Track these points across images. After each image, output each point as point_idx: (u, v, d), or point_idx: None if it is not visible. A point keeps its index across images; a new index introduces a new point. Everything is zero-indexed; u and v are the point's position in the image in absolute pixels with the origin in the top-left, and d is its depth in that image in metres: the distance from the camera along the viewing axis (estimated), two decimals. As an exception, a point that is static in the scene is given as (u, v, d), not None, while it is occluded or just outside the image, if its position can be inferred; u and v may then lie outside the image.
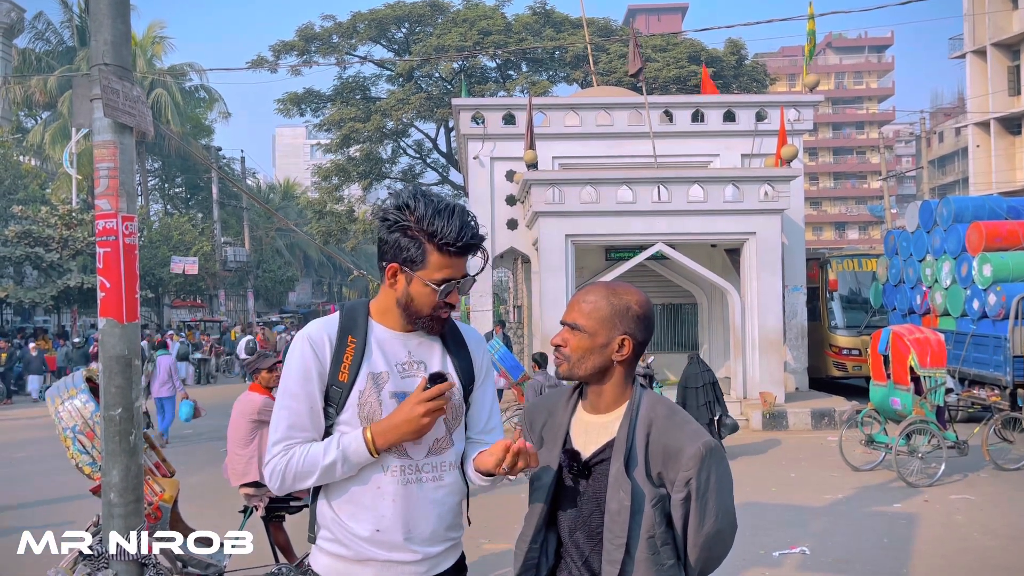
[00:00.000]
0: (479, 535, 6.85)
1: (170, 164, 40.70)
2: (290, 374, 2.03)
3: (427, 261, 1.98)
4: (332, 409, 2.02)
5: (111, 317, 3.68)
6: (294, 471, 1.98)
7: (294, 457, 1.98)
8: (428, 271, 1.99)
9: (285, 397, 2.03)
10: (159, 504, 4.58)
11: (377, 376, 2.03)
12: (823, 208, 70.31)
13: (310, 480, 1.99)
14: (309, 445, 2.00)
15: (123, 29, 3.76)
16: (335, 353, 2.02)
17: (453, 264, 2.00)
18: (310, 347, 2.02)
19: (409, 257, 1.99)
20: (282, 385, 2.05)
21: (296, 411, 2.01)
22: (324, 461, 1.96)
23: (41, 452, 11.24)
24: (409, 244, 1.99)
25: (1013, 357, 11.24)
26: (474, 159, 15.51)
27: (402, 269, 2.01)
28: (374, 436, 1.96)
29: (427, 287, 1.99)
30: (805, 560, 6.21)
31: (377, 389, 2.02)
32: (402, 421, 1.95)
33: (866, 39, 72.53)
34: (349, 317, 2.08)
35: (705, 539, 1.92)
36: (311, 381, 2.01)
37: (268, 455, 2.03)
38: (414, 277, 2.00)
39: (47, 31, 33.99)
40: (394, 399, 2.01)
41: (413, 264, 1.99)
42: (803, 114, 15.51)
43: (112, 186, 3.68)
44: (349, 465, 1.98)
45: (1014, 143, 30.33)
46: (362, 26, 28.69)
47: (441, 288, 1.99)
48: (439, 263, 1.99)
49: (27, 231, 23.59)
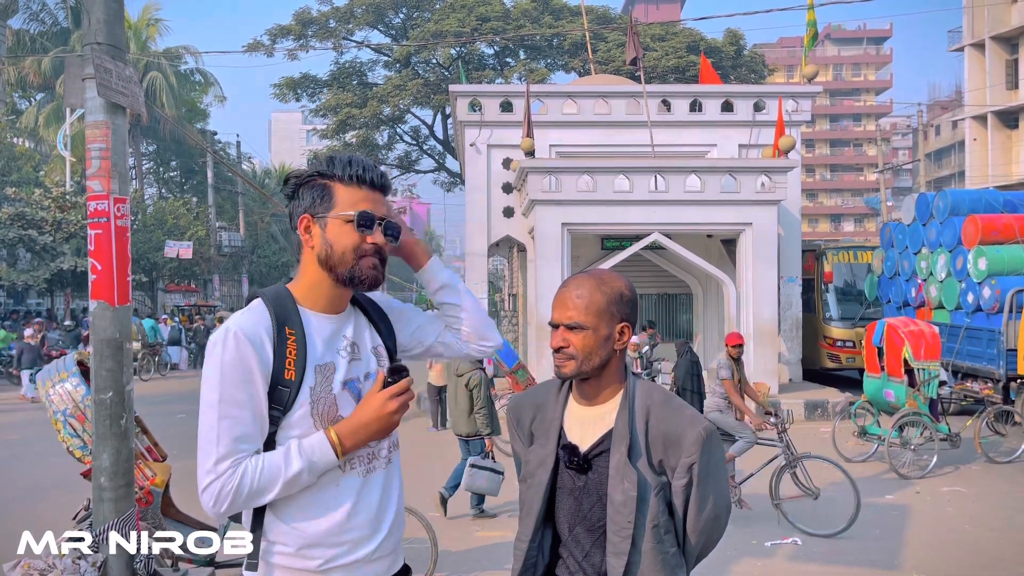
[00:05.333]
0: (471, 524, 6.86)
1: (165, 148, 40.47)
2: (226, 379, 1.74)
3: (335, 199, 1.85)
4: (278, 412, 1.79)
5: (102, 300, 3.64)
6: (248, 488, 1.73)
7: (247, 474, 1.73)
8: (340, 207, 1.84)
9: (224, 406, 1.74)
10: (150, 488, 4.56)
11: (324, 368, 1.85)
12: (819, 200, 70.36)
13: (268, 496, 1.76)
14: (260, 458, 1.76)
15: (116, 7, 3.71)
16: (276, 349, 1.79)
17: (366, 198, 1.86)
18: (248, 343, 1.76)
19: (315, 202, 1.86)
20: (215, 392, 1.75)
21: (241, 420, 1.75)
22: (287, 472, 1.75)
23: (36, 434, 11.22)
24: (313, 192, 1.87)
25: (1007, 350, 11.28)
26: (471, 146, 15.44)
27: (314, 219, 1.86)
28: (341, 438, 1.80)
29: (344, 224, 1.84)
30: (796, 551, 6.23)
31: (327, 382, 1.85)
32: (372, 419, 1.82)
33: (865, 31, 72.37)
34: (279, 306, 1.84)
35: (705, 523, 1.92)
36: (254, 383, 1.76)
37: (209, 475, 1.73)
38: (327, 220, 1.85)
39: (42, 12, 33.67)
40: (346, 389, 1.88)
41: (323, 207, 1.85)
42: (801, 105, 15.48)
43: (104, 167, 3.64)
44: (314, 472, 1.79)
45: (1011, 137, 30.33)
46: (359, 11, 28.52)
47: (355, 216, 1.83)
48: (350, 197, 1.85)
49: (20, 213, 23.45)
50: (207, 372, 1.79)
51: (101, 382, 3.67)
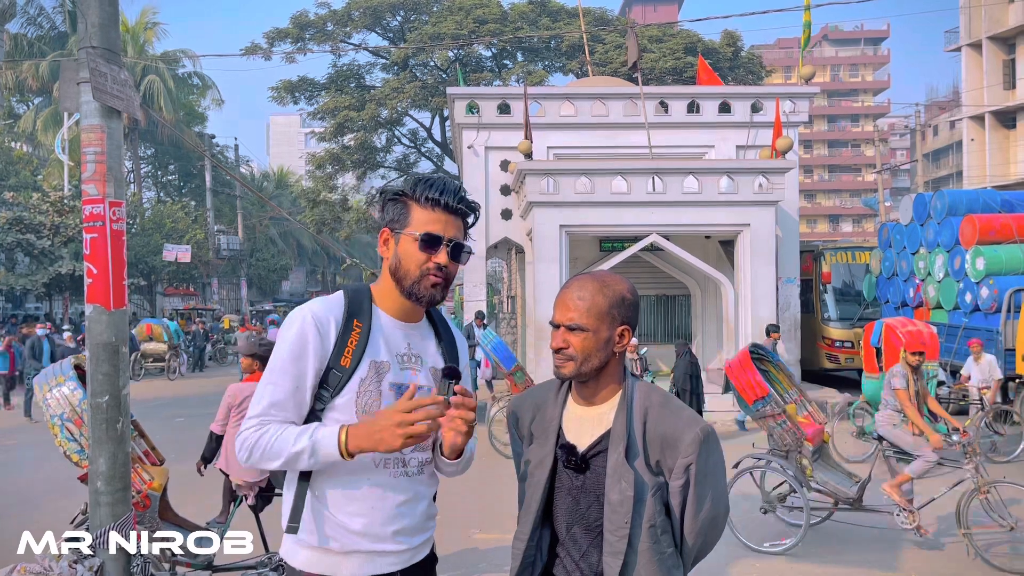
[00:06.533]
0: (472, 525, 6.86)
1: (163, 151, 40.49)
2: (284, 350, 1.95)
3: (410, 218, 1.99)
4: (327, 392, 1.95)
5: (98, 304, 3.64)
6: (262, 449, 1.91)
7: (266, 435, 1.92)
8: (412, 226, 1.99)
9: (274, 373, 1.96)
10: (148, 492, 4.56)
11: (379, 365, 1.99)
12: (817, 201, 70.38)
13: (275, 463, 1.92)
14: (284, 427, 1.93)
15: (111, 11, 3.71)
16: (340, 336, 1.96)
17: (438, 220, 1.98)
18: (314, 326, 1.95)
19: (395, 218, 2.02)
20: (273, 358, 1.98)
21: (281, 388, 1.94)
22: (292, 448, 1.89)
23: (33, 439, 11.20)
24: (395, 207, 2.03)
25: (1004, 350, 11.28)
26: (468, 148, 15.44)
27: (392, 232, 2.02)
28: (348, 439, 1.88)
29: (413, 242, 1.98)
30: (794, 552, 6.23)
31: (378, 378, 1.98)
32: (378, 428, 1.87)
33: (862, 31, 72.44)
34: (355, 300, 2.03)
35: (702, 524, 1.92)
36: (305, 360, 1.94)
37: (244, 425, 1.96)
38: (401, 236, 2.00)
39: (39, 16, 33.71)
40: (393, 391, 1.99)
41: (399, 224, 2.01)
42: (798, 106, 15.49)
43: (99, 171, 3.64)
44: (316, 459, 1.90)
45: (1008, 137, 30.36)
46: (357, 13, 28.51)
47: (422, 237, 1.96)
48: (422, 218, 1.98)
49: (18, 217, 23.46)
50: (277, 341, 2.02)
51: (97, 386, 3.66)
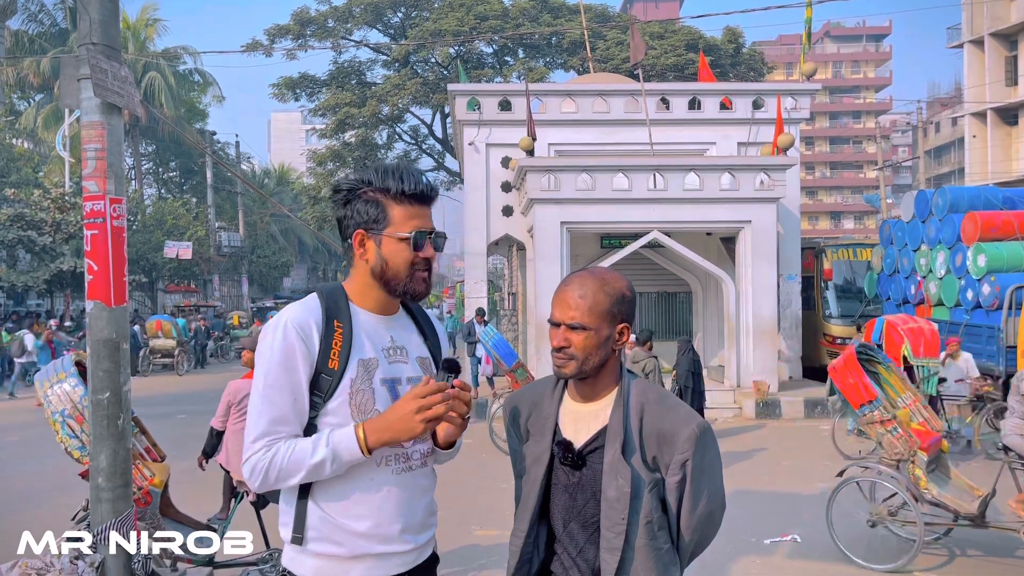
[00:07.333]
0: (471, 521, 6.86)
1: (164, 148, 40.45)
2: (271, 363, 1.88)
3: (390, 217, 1.94)
4: (319, 398, 1.91)
5: (99, 300, 3.64)
6: (278, 469, 1.85)
7: (279, 454, 1.86)
8: (395, 226, 1.94)
9: (266, 388, 1.88)
10: (149, 489, 4.56)
11: (367, 362, 1.95)
12: (819, 197, 70.31)
13: (296, 479, 1.87)
14: (294, 441, 1.88)
15: (112, 8, 3.70)
16: (323, 339, 1.90)
17: (417, 214, 1.96)
18: (296, 332, 1.88)
19: (371, 219, 1.95)
20: (260, 375, 1.90)
21: (279, 403, 1.88)
22: (312, 459, 1.84)
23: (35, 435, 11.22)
24: (367, 207, 1.96)
25: (1006, 347, 11.27)
26: (469, 145, 15.43)
27: (368, 234, 1.96)
28: (367, 434, 1.87)
29: (399, 242, 1.94)
30: (796, 548, 6.23)
31: (368, 376, 1.95)
32: (395, 419, 1.87)
33: (864, 28, 72.29)
34: (331, 301, 1.96)
35: (698, 520, 1.93)
36: (296, 370, 1.88)
37: (248, 451, 1.88)
38: (382, 237, 1.95)
39: (40, 13, 33.65)
40: (385, 386, 1.97)
41: (377, 224, 1.95)
42: (800, 102, 15.47)
43: (100, 167, 3.63)
44: (339, 464, 1.87)
45: (1010, 133, 30.32)
46: (358, 10, 28.47)
47: (411, 236, 1.93)
48: (403, 215, 1.94)
49: (20, 214, 23.46)
50: (258, 357, 1.94)
51: (98, 383, 3.67)
